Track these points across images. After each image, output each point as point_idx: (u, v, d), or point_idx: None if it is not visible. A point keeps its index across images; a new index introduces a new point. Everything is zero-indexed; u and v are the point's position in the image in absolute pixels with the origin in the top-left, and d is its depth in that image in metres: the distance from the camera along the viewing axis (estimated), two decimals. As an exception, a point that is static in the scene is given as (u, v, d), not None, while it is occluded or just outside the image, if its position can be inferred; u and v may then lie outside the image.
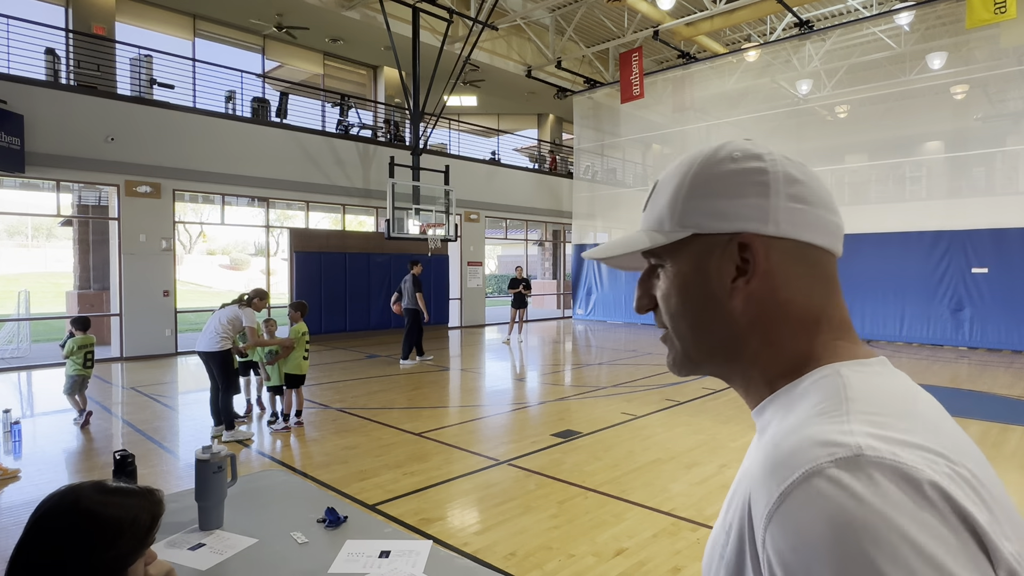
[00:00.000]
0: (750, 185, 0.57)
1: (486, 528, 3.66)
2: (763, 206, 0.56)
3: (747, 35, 16.35)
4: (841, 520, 0.40)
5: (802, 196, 0.57)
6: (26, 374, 9.18)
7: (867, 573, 0.38)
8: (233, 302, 5.92)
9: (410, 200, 12.48)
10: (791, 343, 0.57)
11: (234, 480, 1.88)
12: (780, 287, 0.57)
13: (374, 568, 1.52)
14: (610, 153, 19.07)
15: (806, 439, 0.46)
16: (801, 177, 0.58)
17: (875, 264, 12.82)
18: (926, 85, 13.65)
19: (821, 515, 0.41)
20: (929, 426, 0.48)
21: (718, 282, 0.58)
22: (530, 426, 6.16)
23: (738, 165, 0.58)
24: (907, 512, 0.40)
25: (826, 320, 0.58)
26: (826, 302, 0.59)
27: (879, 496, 0.40)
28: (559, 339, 14.15)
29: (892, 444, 0.43)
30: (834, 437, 0.44)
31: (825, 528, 0.40)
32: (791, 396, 0.55)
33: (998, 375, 9.03)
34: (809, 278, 0.58)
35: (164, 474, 4.67)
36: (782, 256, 0.57)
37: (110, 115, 10.09)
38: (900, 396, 0.52)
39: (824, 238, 0.58)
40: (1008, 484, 4.36)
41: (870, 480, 0.41)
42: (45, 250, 32.96)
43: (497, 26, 14.13)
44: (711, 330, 0.59)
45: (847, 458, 0.42)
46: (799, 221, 0.57)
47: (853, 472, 0.41)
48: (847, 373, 0.53)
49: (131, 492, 1.00)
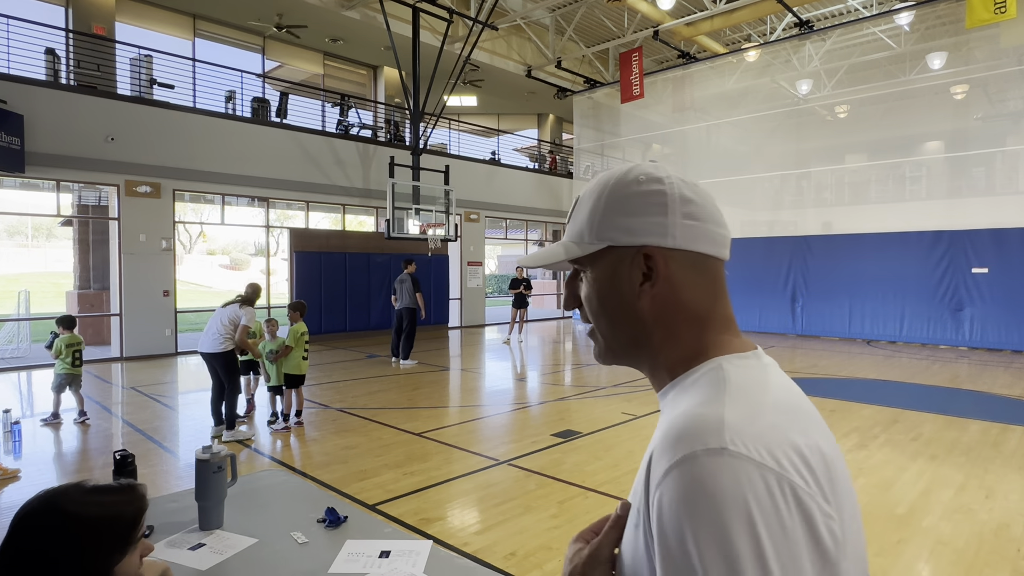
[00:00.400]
0: (652, 205, 0.68)
1: (486, 528, 3.66)
2: (663, 223, 0.68)
3: (747, 35, 16.35)
4: (704, 492, 0.53)
5: (694, 214, 0.68)
6: (26, 374, 9.18)
7: (717, 529, 0.51)
8: (233, 301, 5.91)
9: (410, 200, 12.48)
10: (687, 336, 0.69)
11: (234, 480, 1.88)
12: (678, 290, 0.68)
13: (374, 568, 1.52)
14: (610, 153, 19.07)
15: (692, 422, 0.58)
16: (694, 197, 0.69)
17: (875, 264, 12.82)
18: (926, 85, 13.65)
19: (691, 487, 0.53)
20: (784, 413, 0.61)
21: (628, 287, 0.69)
22: (530, 426, 6.16)
23: (642, 187, 0.69)
24: (757, 492, 0.52)
25: (714, 317, 0.70)
26: (714, 302, 0.70)
27: (734, 479, 0.53)
28: (559, 339, 14.15)
29: (752, 438, 0.55)
30: (712, 423, 0.57)
31: (692, 496, 0.53)
32: (685, 384, 0.67)
33: (998, 375, 9.03)
34: (701, 282, 0.69)
35: (164, 474, 4.67)
36: (679, 264, 0.68)
37: (110, 115, 10.09)
38: (764, 387, 0.63)
39: (713, 248, 0.69)
40: (1008, 484, 4.36)
41: (731, 467, 0.53)
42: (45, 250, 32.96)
43: (497, 26, 14.13)
44: (625, 326, 0.71)
45: (716, 448, 0.54)
46: (692, 235, 0.68)
47: (718, 459, 0.54)
48: (728, 368, 0.65)
49: (111, 490, 1.00)
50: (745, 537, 0.51)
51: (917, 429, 5.93)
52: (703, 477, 0.53)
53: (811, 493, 0.55)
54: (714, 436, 0.55)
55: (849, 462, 4.91)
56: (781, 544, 0.52)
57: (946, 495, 4.19)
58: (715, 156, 16.44)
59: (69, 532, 0.93)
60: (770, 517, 0.52)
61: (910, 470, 4.71)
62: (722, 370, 0.65)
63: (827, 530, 0.55)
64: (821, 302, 13.65)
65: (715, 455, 0.54)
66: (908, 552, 3.34)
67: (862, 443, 5.45)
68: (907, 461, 4.93)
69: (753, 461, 0.54)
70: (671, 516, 0.54)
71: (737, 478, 0.53)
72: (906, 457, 5.04)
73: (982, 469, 4.72)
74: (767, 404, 0.61)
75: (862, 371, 9.38)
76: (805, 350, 11.78)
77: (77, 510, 0.94)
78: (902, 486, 4.37)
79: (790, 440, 0.57)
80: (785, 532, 0.52)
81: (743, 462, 0.54)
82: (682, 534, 0.53)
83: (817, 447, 0.59)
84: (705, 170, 15.86)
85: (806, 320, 13.90)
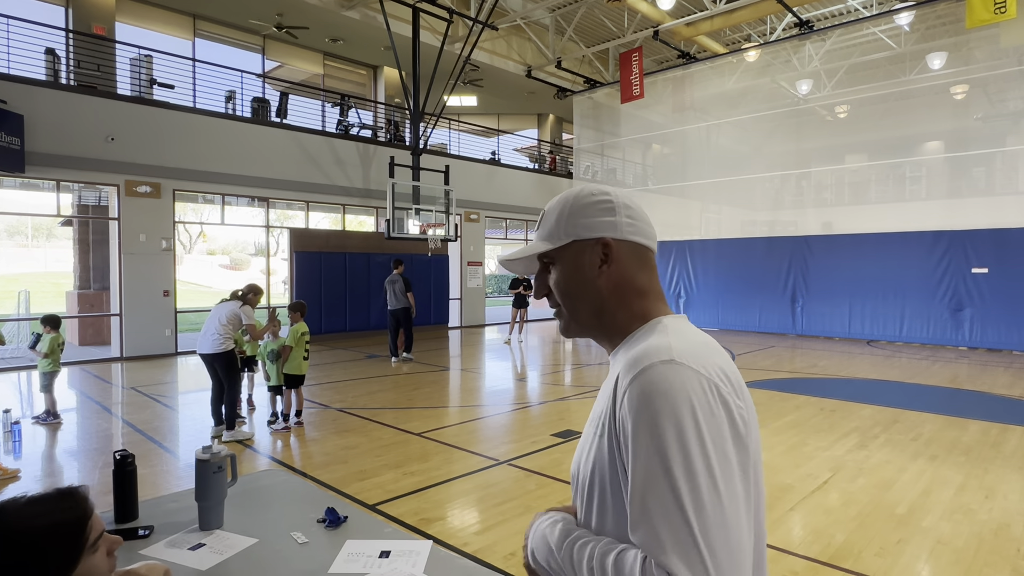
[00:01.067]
0: (603, 211, 0.94)
1: (486, 528, 3.66)
2: (613, 222, 0.93)
3: (747, 35, 16.35)
4: (660, 388, 0.76)
5: (633, 215, 0.95)
6: (26, 374, 9.18)
7: (670, 411, 0.74)
8: (228, 299, 5.85)
9: (410, 200, 12.48)
10: (635, 304, 0.93)
11: (234, 480, 1.88)
12: (625, 270, 0.93)
13: (374, 568, 1.52)
14: (610, 153, 19.06)
15: (647, 349, 0.82)
16: (632, 205, 0.96)
17: (875, 264, 12.82)
18: (926, 85, 13.65)
19: (649, 386, 0.77)
20: (707, 347, 0.85)
21: (590, 269, 0.93)
22: (530, 426, 6.16)
23: (596, 199, 0.95)
24: (695, 388, 0.76)
25: (651, 291, 0.95)
26: (650, 280, 0.95)
27: (680, 379, 0.77)
28: (559, 339, 14.15)
29: (689, 356, 0.80)
30: (663, 347, 0.81)
31: (651, 392, 0.76)
32: (636, 337, 0.91)
33: (998, 375, 9.03)
34: (640, 265, 0.95)
35: (164, 474, 4.67)
36: (625, 251, 0.93)
37: (110, 115, 10.09)
38: (693, 332, 0.89)
39: (646, 241, 0.96)
40: (1008, 484, 4.36)
41: (678, 372, 0.77)
42: (45, 250, 32.96)
43: (497, 26, 14.13)
44: (587, 301, 0.94)
45: (667, 360, 0.79)
46: (632, 230, 0.94)
47: (669, 366, 0.78)
48: (666, 321, 0.91)
49: (47, 499, 0.96)
50: (688, 416, 0.74)
51: (917, 429, 5.93)
52: (659, 378, 0.77)
53: (729, 391, 0.79)
54: (665, 353, 0.79)
55: (849, 462, 4.91)
56: (711, 422, 0.75)
57: (946, 495, 4.19)
58: (715, 156, 16.44)
59: (12, 546, 0.90)
60: (704, 404, 0.76)
61: (910, 470, 4.71)
62: (662, 323, 0.90)
63: (740, 417, 0.79)
64: (821, 302, 13.65)
65: (667, 364, 0.78)
66: (908, 552, 3.34)
67: (862, 443, 5.45)
68: (907, 461, 4.93)
69: (692, 369, 0.78)
70: (638, 407, 0.76)
71: (682, 378, 0.77)
72: (906, 457, 5.04)
73: (982, 469, 4.72)
74: (697, 340, 0.86)
75: (862, 371, 9.38)
76: (805, 350, 11.78)
77: (13, 526, 0.91)
78: (902, 486, 4.37)
79: (713, 361, 0.82)
80: (714, 415, 0.76)
81: (686, 369, 0.77)
82: (646, 416, 0.75)
83: (731, 368, 0.84)
84: (705, 170, 15.87)
85: (806, 320, 13.90)
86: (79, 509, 0.98)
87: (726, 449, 0.75)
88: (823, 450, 5.24)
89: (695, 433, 0.73)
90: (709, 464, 0.73)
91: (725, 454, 0.75)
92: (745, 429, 0.79)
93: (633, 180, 19.64)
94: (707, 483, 0.72)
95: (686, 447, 0.73)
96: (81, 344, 12.16)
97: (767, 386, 8.16)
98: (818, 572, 3.12)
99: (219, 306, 5.77)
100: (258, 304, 6.01)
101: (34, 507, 0.94)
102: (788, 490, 4.28)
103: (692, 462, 0.72)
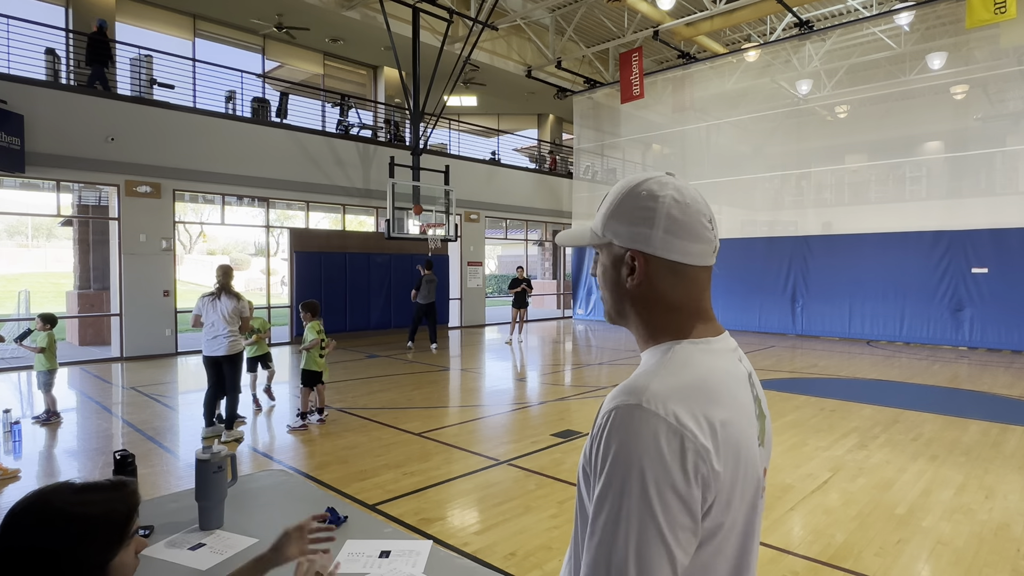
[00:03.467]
0: (642, 219, 0.88)
1: (486, 528, 3.66)
2: (647, 234, 0.87)
3: (747, 35, 16.35)
4: (621, 427, 0.77)
5: (674, 230, 0.87)
6: (26, 374, 9.18)
7: (627, 453, 0.75)
8: (214, 294, 5.60)
9: (410, 200, 12.48)
10: (659, 318, 0.90)
11: (234, 480, 1.88)
12: (656, 285, 0.89)
13: (374, 568, 1.52)
14: (610, 153, 19.06)
15: (628, 385, 0.82)
16: (680, 216, 0.87)
17: (875, 264, 12.82)
18: (926, 85, 13.65)
19: (614, 423, 0.78)
20: (695, 389, 0.81)
21: (620, 274, 0.91)
22: (530, 426, 6.16)
23: (641, 201, 0.88)
24: (652, 435, 0.75)
25: (686, 308, 0.89)
26: (688, 297, 0.89)
27: (636, 427, 0.76)
28: (559, 339, 14.15)
29: (663, 400, 0.78)
30: (639, 388, 0.80)
31: (613, 428, 0.78)
32: (651, 352, 0.90)
33: (998, 375, 9.03)
34: (676, 281, 0.89)
35: (164, 474, 4.67)
36: (656, 266, 0.88)
37: (110, 115, 10.09)
38: (692, 368, 0.84)
39: (686, 259, 0.88)
40: (1008, 484, 4.36)
41: (641, 417, 0.76)
42: (45, 250, 32.94)
43: (497, 26, 14.13)
44: (617, 301, 0.94)
45: (634, 404, 0.78)
46: (667, 247, 0.87)
47: (635, 411, 0.77)
48: (676, 349, 0.87)
49: (102, 487, 1.00)
50: (637, 455, 0.75)
51: (917, 429, 5.93)
52: (622, 419, 0.77)
53: (690, 437, 0.76)
54: (636, 396, 0.79)
55: (849, 462, 4.91)
56: (657, 462, 0.74)
57: (946, 495, 4.19)
58: (715, 156, 16.44)
59: (66, 528, 0.93)
60: (653, 447, 0.75)
61: (910, 470, 4.71)
62: (672, 351, 0.87)
63: (695, 462, 0.76)
64: (821, 302, 13.65)
65: (633, 407, 0.78)
66: (908, 552, 3.34)
67: (862, 443, 5.45)
68: (907, 461, 4.93)
69: (658, 416, 0.76)
70: (605, 438, 0.78)
71: (642, 421, 0.76)
72: (906, 457, 5.04)
73: (982, 469, 4.72)
74: (693, 377, 0.83)
75: (862, 371, 9.38)
76: (805, 350, 11.78)
77: (70, 507, 0.94)
78: (902, 486, 4.37)
79: (689, 405, 0.79)
80: (661, 456, 0.75)
81: (650, 416, 0.76)
82: (606, 447, 0.77)
83: (711, 415, 0.80)
84: (705, 170, 15.87)
85: (806, 320, 13.90)
86: (130, 501, 1.01)
87: (664, 505, 0.74)
88: (823, 450, 5.24)
89: (639, 470, 0.74)
90: (641, 524, 0.73)
91: (655, 513, 0.74)
92: (704, 491, 0.76)
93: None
94: (630, 552, 0.74)
95: (621, 500, 0.74)
96: (81, 344, 12.15)
97: (767, 386, 8.16)
98: (818, 572, 3.12)
99: (214, 303, 5.54)
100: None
101: (90, 493, 0.98)
102: (788, 490, 4.28)
103: (622, 521, 0.74)
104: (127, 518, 0.99)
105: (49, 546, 0.91)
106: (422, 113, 13.22)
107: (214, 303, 5.56)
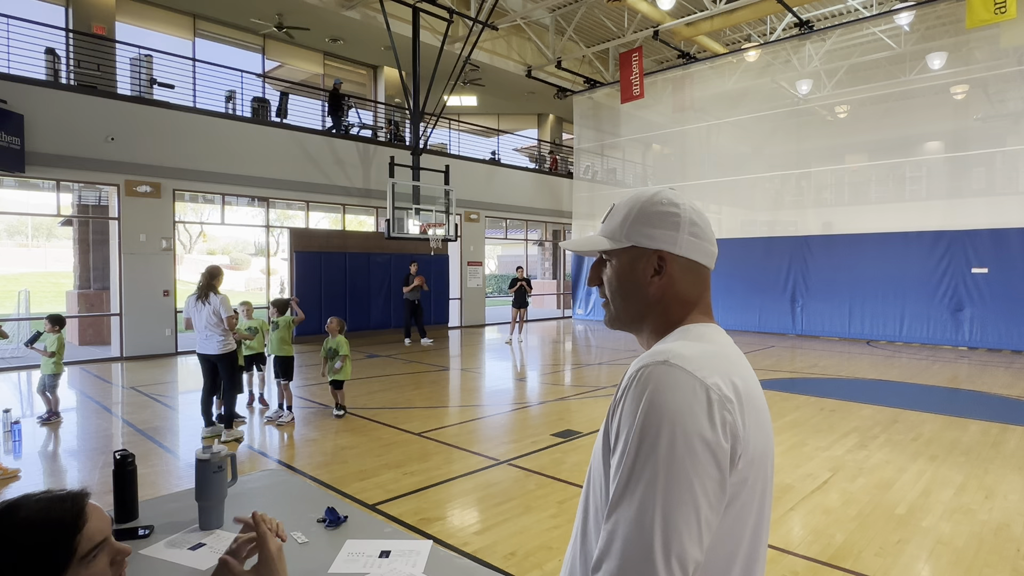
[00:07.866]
0: (669, 223, 0.96)
1: (486, 528, 3.66)
2: (674, 236, 0.96)
3: (747, 35, 16.34)
4: (652, 385, 0.80)
5: (697, 234, 0.97)
6: (26, 374, 9.18)
7: (657, 406, 0.78)
8: (199, 295, 5.62)
9: (410, 200, 12.48)
10: (675, 314, 0.97)
11: (234, 480, 1.88)
12: (676, 284, 0.96)
13: (374, 568, 1.52)
14: (610, 153, 19.06)
15: (653, 352, 0.86)
16: (699, 222, 0.97)
17: (875, 264, 12.82)
18: (926, 85, 13.65)
19: (644, 379, 0.81)
20: (714, 356, 0.87)
21: (642, 276, 0.97)
22: (530, 426, 6.16)
23: (664, 208, 0.96)
24: (681, 387, 0.79)
25: (697, 304, 0.98)
26: (700, 295, 0.98)
27: (669, 378, 0.80)
28: (559, 339, 14.15)
29: (689, 361, 0.83)
30: (665, 351, 0.85)
31: (643, 383, 0.81)
32: (663, 341, 0.94)
33: (998, 375, 9.03)
34: (692, 279, 0.97)
35: (164, 474, 4.67)
36: (680, 267, 0.96)
37: (110, 115, 10.09)
38: (709, 340, 0.92)
39: (705, 260, 0.98)
40: (1008, 484, 4.36)
41: (668, 372, 0.81)
42: (45, 250, 32.93)
43: (497, 26, 14.13)
44: (634, 303, 0.98)
45: (661, 362, 0.82)
46: (693, 249, 0.96)
47: (662, 367, 0.82)
48: (691, 326, 0.95)
49: (34, 504, 0.93)
50: (666, 407, 0.78)
51: (917, 429, 5.93)
52: (649, 374, 0.82)
53: (715, 388, 0.81)
54: (663, 355, 0.84)
55: (849, 462, 4.91)
56: (686, 413, 0.78)
57: (946, 495, 4.19)
58: (715, 156, 16.44)
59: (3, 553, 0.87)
60: (682, 398, 0.79)
61: (910, 470, 4.71)
62: (688, 329, 0.95)
63: (721, 412, 0.80)
64: (821, 302, 13.65)
65: (661, 364, 0.82)
66: (908, 552, 3.34)
67: (862, 443, 5.45)
68: (907, 461, 4.93)
69: (687, 372, 0.81)
70: (631, 395, 0.82)
71: (669, 375, 0.81)
72: (906, 457, 5.04)
73: (982, 469, 4.72)
74: (712, 349, 0.89)
75: (862, 371, 9.38)
76: (805, 350, 11.78)
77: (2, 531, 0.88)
78: (902, 486, 4.37)
79: (719, 369, 0.84)
80: (691, 407, 0.78)
81: (679, 372, 0.81)
82: (633, 402, 0.81)
83: (745, 383, 0.86)
84: (705, 170, 15.88)
85: (806, 320, 13.90)
86: (69, 518, 0.93)
87: (692, 455, 0.76)
88: (823, 450, 5.24)
89: (669, 416, 0.77)
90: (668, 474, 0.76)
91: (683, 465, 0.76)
92: (732, 441, 0.80)
93: (633, 180, 19.63)
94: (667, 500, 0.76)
95: (650, 452, 0.76)
96: (81, 344, 12.15)
97: (767, 386, 8.16)
98: (818, 572, 3.12)
99: (197, 305, 5.57)
100: (220, 285, 5.79)
101: (21, 512, 0.91)
102: (788, 490, 4.28)
103: (648, 471, 0.76)
104: (67, 536, 0.92)
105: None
106: (422, 113, 13.22)
107: (198, 307, 5.62)
